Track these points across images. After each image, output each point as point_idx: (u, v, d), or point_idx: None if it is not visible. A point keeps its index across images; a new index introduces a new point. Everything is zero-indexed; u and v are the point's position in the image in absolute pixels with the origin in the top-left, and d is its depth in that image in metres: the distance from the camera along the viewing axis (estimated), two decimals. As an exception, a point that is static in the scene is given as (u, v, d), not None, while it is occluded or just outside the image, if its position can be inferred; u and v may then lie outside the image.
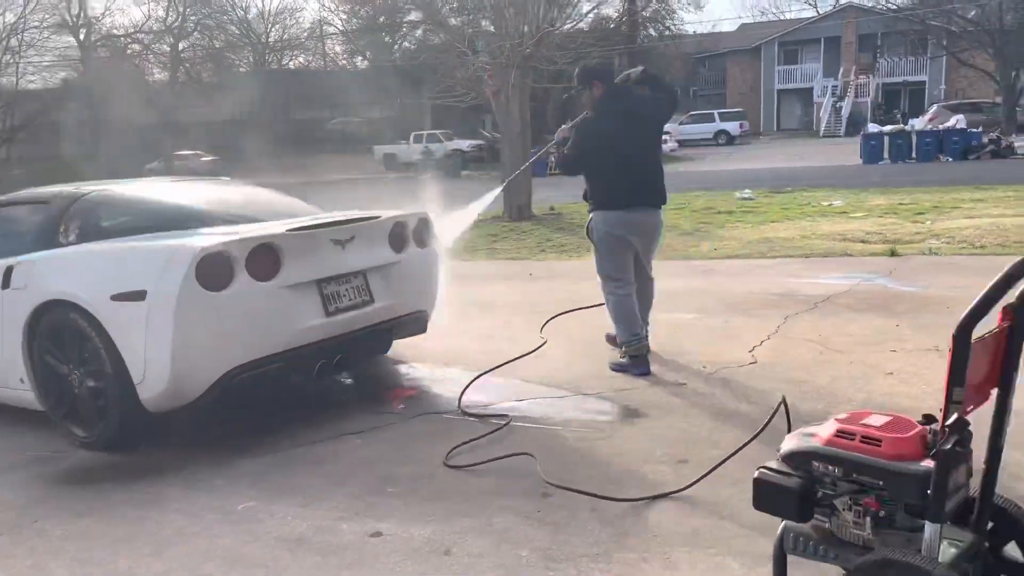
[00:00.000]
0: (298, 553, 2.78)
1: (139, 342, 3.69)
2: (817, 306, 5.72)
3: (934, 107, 32.42)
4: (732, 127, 42.51)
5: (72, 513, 3.27)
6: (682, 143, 39.35)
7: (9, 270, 4.19)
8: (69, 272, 3.99)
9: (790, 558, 2.04)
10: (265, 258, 3.85)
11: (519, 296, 7.24)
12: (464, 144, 38.87)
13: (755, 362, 4.46)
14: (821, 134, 42.93)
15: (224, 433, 4.08)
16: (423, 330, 4.84)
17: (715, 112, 44.06)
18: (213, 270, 3.67)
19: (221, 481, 3.47)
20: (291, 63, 55.89)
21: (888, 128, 27.34)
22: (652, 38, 41.75)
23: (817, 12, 50.84)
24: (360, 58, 53.14)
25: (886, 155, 24.65)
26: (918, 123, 27.76)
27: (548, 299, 6.91)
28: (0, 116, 27.60)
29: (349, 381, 4.86)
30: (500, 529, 2.82)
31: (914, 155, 24.34)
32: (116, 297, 3.73)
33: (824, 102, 44.18)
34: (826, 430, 1.97)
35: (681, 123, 42.14)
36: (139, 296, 3.67)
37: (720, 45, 49.68)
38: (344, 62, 53.32)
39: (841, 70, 44.87)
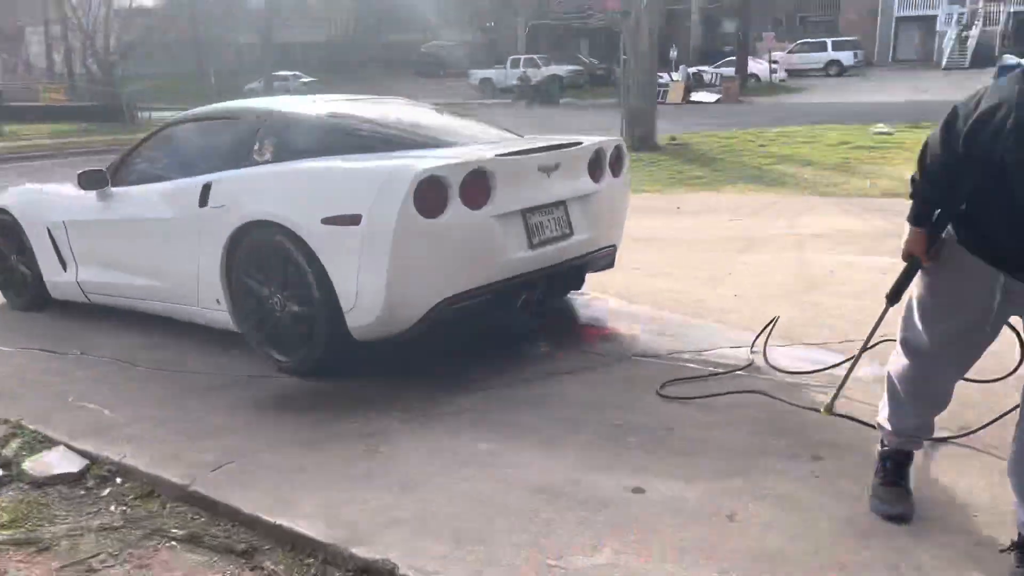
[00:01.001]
0: (558, 506, 2.59)
1: (351, 268, 3.53)
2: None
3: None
4: (846, 57, 40.23)
5: (298, 443, 3.16)
6: (790, 72, 37.49)
7: (207, 188, 4.08)
8: (275, 192, 3.84)
9: None
10: (477, 184, 3.61)
11: (675, 231, 6.89)
12: (562, 69, 37.88)
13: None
14: (944, 66, 40.23)
15: (425, 367, 3.92)
16: (611, 265, 4.57)
17: (828, 40, 41.68)
18: (430, 195, 3.46)
19: (443, 417, 3.32)
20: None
21: (1026, 60, 25.40)
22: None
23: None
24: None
25: (1021, 90, 22.90)
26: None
27: (708, 234, 6.56)
28: (117, 33, 28.08)
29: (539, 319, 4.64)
30: (781, 494, 2.57)
31: (1056, 90, 22.53)
32: (328, 220, 3.56)
33: (948, 31, 41.28)
34: None
35: (789, 51, 40.10)
36: (353, 220, 3.49)
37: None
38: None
39: (970, -5, 41.73)
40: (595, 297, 4.78)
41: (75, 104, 28.36)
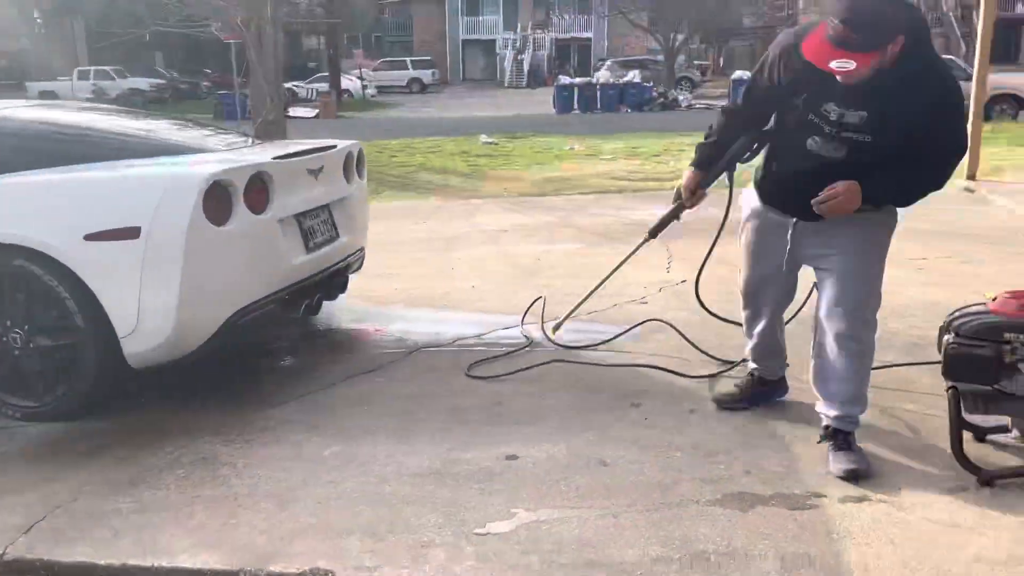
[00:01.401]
0: (450, 484, 2.70)
1: (130, 288, 3.17)
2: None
3: (608, 62, 35.78)
4: (425, 75, 43.36)
5: (114, 484, 2.79)
6: (379, 89, 39.31)
7: None
8: (10, 209, 3.26)
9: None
10: (258, 189, 3.48)
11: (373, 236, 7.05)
12: (142, 82, 35.07)
13: (684, 280, 4.94)
14: (506, 84, 45.34)
15: (205, 389, 3.64)
16: (361, 267, 4.64)
17: (408, 60, 44.49)
18: (217, 201, 3.26)
19: (267, 433, 3.16)
20: None
21: (578, 80, 29.91)
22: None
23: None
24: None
25: (576, 105, 27.02)
26: (601, 77, 30.56)
27: (402, 238, 6.88)
28: None
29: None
30: (630, 439, 2.96)
31: (599, 106, 26.98)
32: (94, 236, 3.15)
33: (507, 54, 46.63)
34: (1007, 307, 2.43)
35: (375, 69, 42.02)
36: (131, 234, 3.15)
37: (404, -8, 49.85)
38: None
39: (520, 24, 47.54)
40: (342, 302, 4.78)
41: None
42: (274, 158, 3.66)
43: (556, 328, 3.89)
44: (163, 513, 2.60)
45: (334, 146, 4.19)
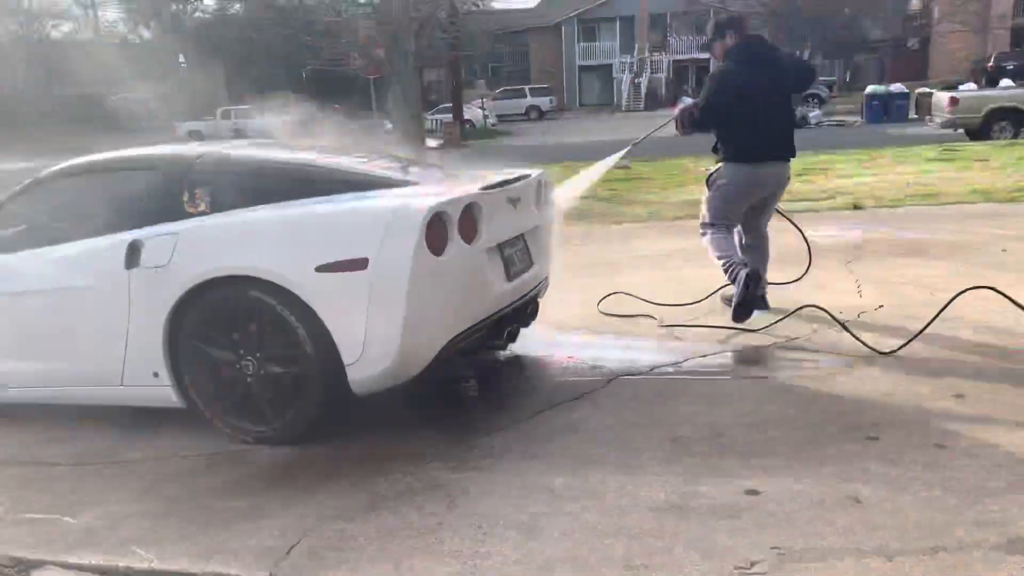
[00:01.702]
0: (694, 519, 2.62)
1: (357, 317, 3.27)
2: (861, 253, 6.13)
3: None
4: (543, 102, 43.77)
5: (358, 510, 2.86)
6: (499, 118, 39.94)
7: (135, 246, 3.54)
8: (245, 243, 3.44)
9: None
10: (469, 219, 3.54)
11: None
12: (278, 122, 36.81)
13: (882, 306, 4.71)
14: (623, 108, 45.21)
15: (410, 417, 3.71)
16: (544, 294, 4.66)
17: (526, 88, 45.06)
18: (436, 232, 3.33)
19: (491, 460, 3.18)
20: (53, 33, 50.25)
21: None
22: (463, 14, 41.83)
23: (609, -9, 53.28)
24: (143, 28, 48.99)
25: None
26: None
27: (573, 262, 6.87)
28: None
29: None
30: (878, 475, 2.81)
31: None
32: (325, 268, 3.27)
33: (623, 78, 46.52)
34: None
35: (494, 98, 42.77)
36: (359, 265, 3.25)
37: (520, 22, 50.61)
38: (126, 30, 48.88)
39: (636, 48, 47.37)
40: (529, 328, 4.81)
41: None
42: (482, 189, 3.72)
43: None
44: (413, 539, 2.64)
45: (528, 175, 4.23)
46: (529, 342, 4.64)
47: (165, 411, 3.67)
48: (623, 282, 5.91)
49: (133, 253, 3.55)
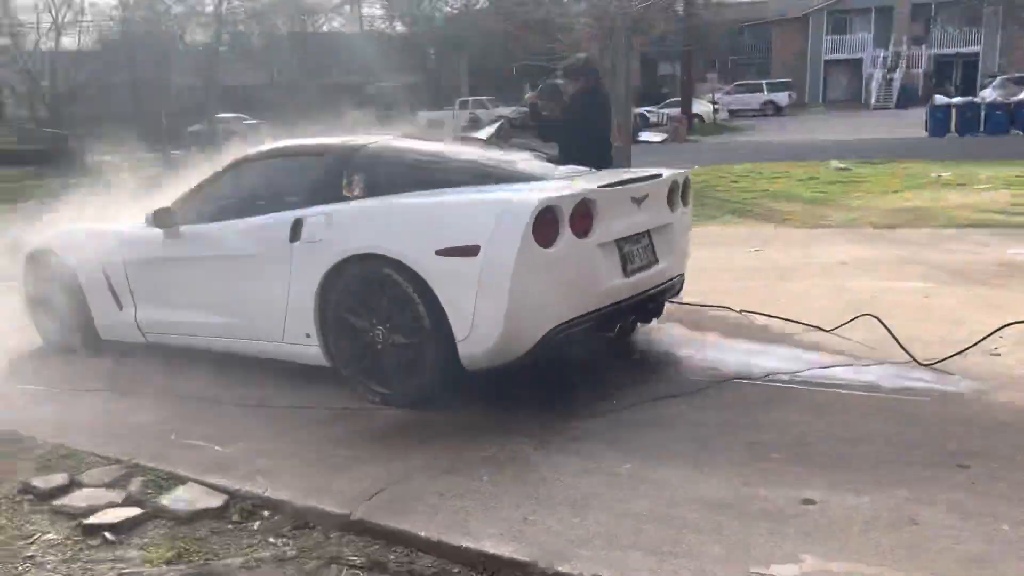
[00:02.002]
0: (739, 519, 2.68)
1: (467, 298, 3.59)
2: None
3: (999, 79, 31.70)
4: (780, 97, 41.91)
5: (439, 470, 3.18)
6: (731, 113, 38.82)
7: (298, 223, 4.09)
8: (382, 226, 3.88)
9: None
10: (583, 214, 3.73)
11: (698, 262, 7.09)
12: (508, 111, 38.41)
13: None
14: (872, 106, 42.22)
15: (524, 395, 3.98)
16: (679, 293, 4.73)
17: (763, 82, 43.39)
18: (546, 225, 3.56)
19: (574, 442, 3.38)
20: (326, 27, 55.53)
21: (957, 99, 26.85)
22: (697, 5, 41.05)
23: (867, -19, 49.81)
24: (398, 23, 52.75)
25: (953, 128, 24.23)
26: (988, 95, 27.13)
27: (733, 264, 6.79)
28: (63, 78, 27.49)
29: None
30: (949, 502, 2.70)
31: (983, 128, 23.90)
32: (443, 252, 3.62)
33: (875, 73, 43.40)
34: None
35: (727, 92, 41.57)
36: (471, 251, 3.56)
37: (764, 14, 48.64)
38: (383, 25, 52.94)
39: (892, 40, 43.97)
40: (661, 326, 4.90)
41: (25, 148, 27.42)
42: (600, 186, 3.90)
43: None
44: (474, 501, 2.92)
45: (660, 175, 4.33)
46: (660, 337, 4.75)
47: (317, 368, 4.20)
48: (784, 288, 5.80)
49: (296, 229, 4.11)
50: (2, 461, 3.58)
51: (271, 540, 2.87)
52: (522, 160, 4.48)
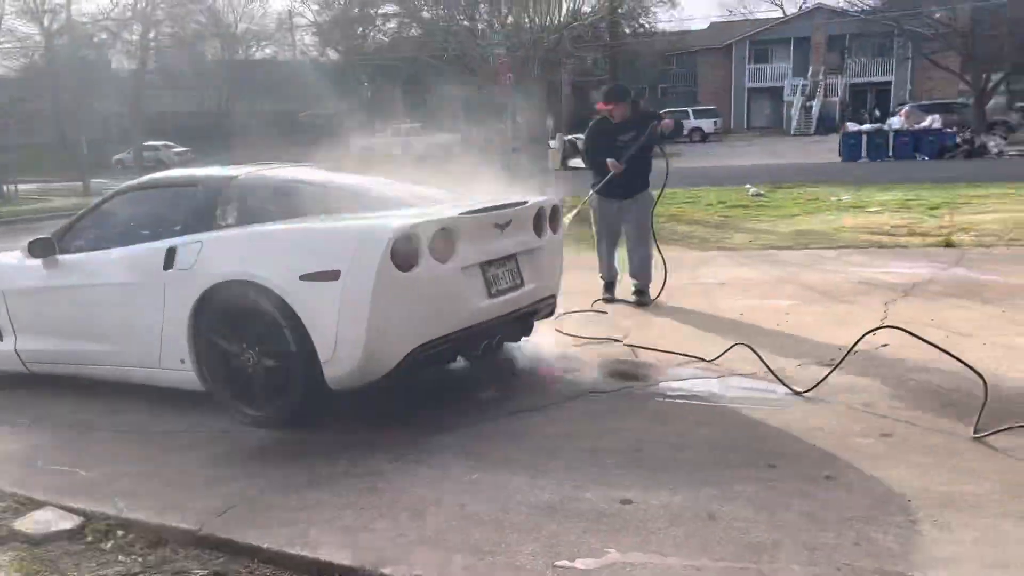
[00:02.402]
0: (558, 518, 2.90)
1: (330, 321, 3.75)
2: (909, 293, 5.97)
3: (906, 107, 33.25)
4: (706, 124, 43.16)
5: (295, 487, 3.33)
6: (659, 139, 39.74)
7: (172, 251, 4.22)
8: (248, 252, 4.03)
9: None
10: (444, 240, 3.94)
11: (587, 285, 7.38)
12: (442, 137, 38.73)
13: (887, 344, 4.66)
14: (792, 132, 43.78)
15: (394, 412, 4.16)
16: (552, 313, 4.98)
17: (689, 110, 44.59)
18: (404, 251, 3.75)
19: (428, 455, 3.56)
20: (258, 54, 55.30)
21: (867, 127, 28.15)
22: (625, 35, 42.07)
23: (784, 13, 51.82)
24: (331, 50, 52.79)
25: (864, 153, 25.40)
26: (895, 122, 28.47)
27: (621, 288, 7.08)
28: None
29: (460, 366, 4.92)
30: (749, 496, 2.97)
31: (891, 153, 25.13)
32: (306, 276, 3.78)
33: (794, 101, 45.04)
34: None
35: (656, 120, 42.56)
36: (333, 276, 3.73)
37: (690, 43, 50.14)
38: (316, 53, 52.93)
39: (810, 70, 45.75)
40: (538, 342, 5.14)
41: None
42: (462, 214, 4.12)
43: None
44: (322, 513, 3.08)
45: (524, 202, 4.58)
46: (535, 354, 4.98)
47: (199, 393, 4.29)
48: (661, 308, 6.10)
49: (170, 257, 4.23)
50: None
51: (120, 558, 2.97)
52: (392, 188, 4.68)
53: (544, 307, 4.79)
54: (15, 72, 43.05)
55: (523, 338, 4.75)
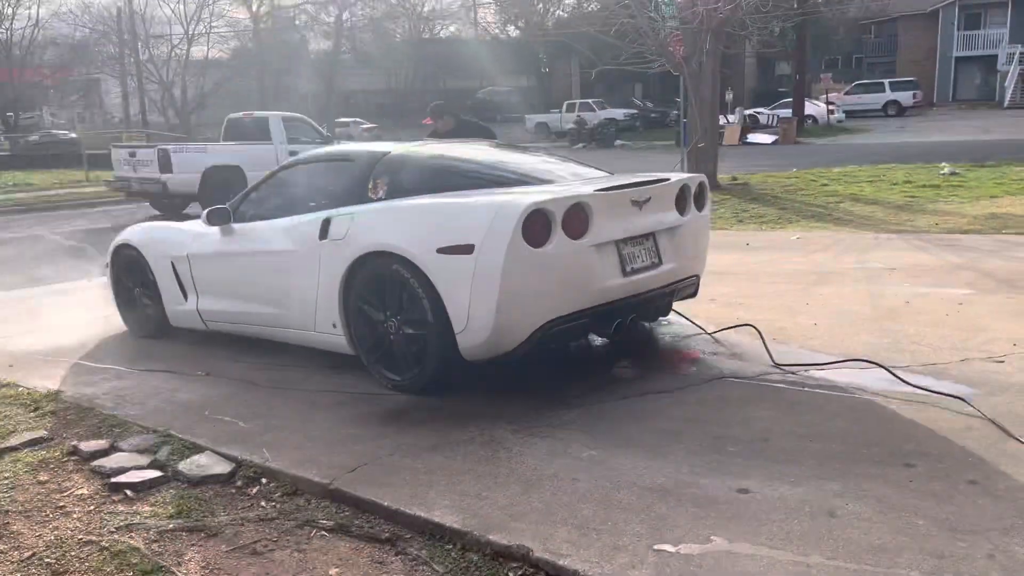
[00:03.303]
0: (670, 502, 2.86)
1: (463, 293, 3.87)
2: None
3: None
4: (904, 97, 40.08)
5: (423, 449, 3.49)
6: (848, 114, 37.40)
7: (327, 222, 4.49)
8: (392, 225, 4.22)
9: None
10: (577, 217, 3.94)
11: (746, 265, 7.12)
12: (618, 113, 38.43)
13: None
14: (1005, 105, 39.81)
15: (525, 385, 4.23)
16: (695, 294, 4.86)
17: (885, 81, 41.58)
18: (536, 227, 3.80)
19: (550, 429, 3.61)
20: (442, 32, 56.97)
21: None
22: (816, 3, 39.64)
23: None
24: (512, 27, 53.51)
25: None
26: None
27: (779, 268, 6.78)
28: (195, 84, 29.52)
29: (598, 342, 4.90)
30: (878, 496, 2.79)
31: None
32: (443, 250, 3.92)
33: (1010, 70, 40.89)
34: None
35: (846, 92, 40.06)
36: (467, 249, 3.84)
37: (890, 9, 46.50)
38: (497, 31, 53.84)
39: (1031, 34, 41.30)
40: (680, 323, 5.04)
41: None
42: (597, 190, 4.10)
43: None
44: (442, 477, 3.20)
45: (667, 179, 4.49)
46: (673, 335, 4.90)
47: (347, 357, 4.58)
48: (817, 292, 5.81)
49: (325, 227, 4.50)
50: (63, 427, 4.13)
51: (262, 504, 3.24)
52: (536, 163, 4.73)
53: (684, 288, 4.69)
54: (221, 55, 46.80)
55: (660, 319, 4.67)
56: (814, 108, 35.21)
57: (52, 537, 3.04)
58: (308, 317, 4.66)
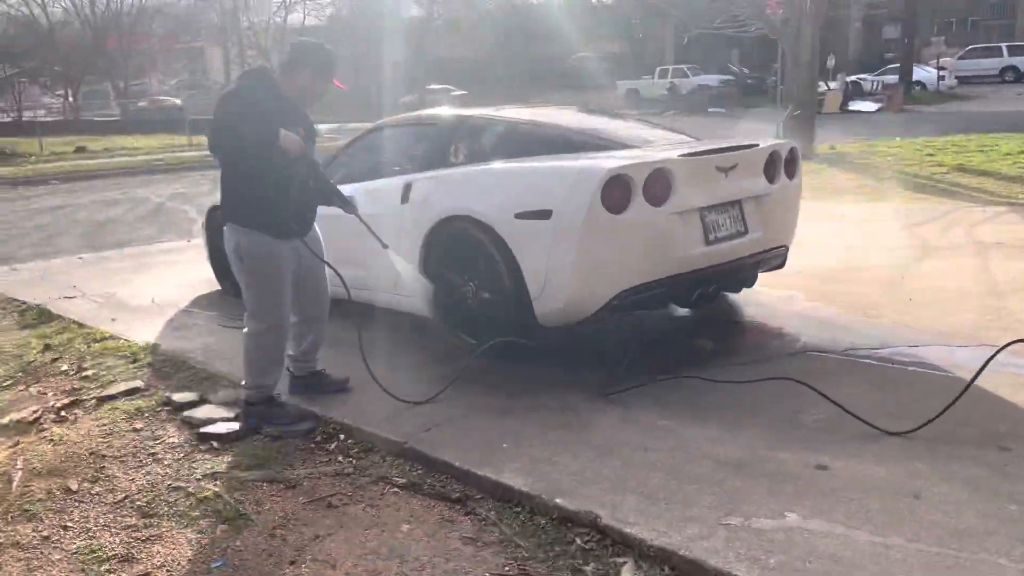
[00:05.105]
0: (743, 476, 2.79)
1: (540, 259, 3.84)
2: None
3: None
4: (1022, 63, 37.53)
5: (496, 412, 3.51)
6: (961, 80, 35.34)
7: (408, 186, 4.52)
8: (471, 190, 4.22)
9: None
10: (659, 183, 3.85)
11: (842, 237, 6.85)
12: (712, 79, 37.37)
13: None
14: None
15: (600, 353, 4.20)
16: (783, 264, 4.70)
17: (1003, 46, 39.05)
18: (616, 193, 3.73)
19: (624, 397, 3.57)
20: (534, -1, 56.37)
21: None
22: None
23: None
24: (603, -9, 52.55)
25: None
26: None
27: (878, 241, 6.50)
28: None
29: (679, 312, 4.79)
30: (967, 478, 2.66)
31: None
32: (520, 215, 3.89)
33: None
34: None
35: (959, 57, 37.83)
36: (544, 215, 3.81)
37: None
38: (589, -5, 52.98)
39: None
40: (766, 295, 4.90)
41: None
42: (681, 155, 3.99)
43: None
44: (512, 441, 3.21)
45: (755, 145, 4.33)
46: (759, 308, 4.76)
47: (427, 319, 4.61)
48: (917, 267, 5.55)
49: (407, 191, 4.54)
50: (159, 379, 4.32)
51: (339, 459, 3.33)
52: (620, 128, 4.63)
53: (771, 258, 4.54)
54: (322, 22, 47.61)
55: (744, 289, 4.55)
56: (923, 74, 33.45)
57: (144, 482, 3.19)
58: (391, 280, 4.72)
